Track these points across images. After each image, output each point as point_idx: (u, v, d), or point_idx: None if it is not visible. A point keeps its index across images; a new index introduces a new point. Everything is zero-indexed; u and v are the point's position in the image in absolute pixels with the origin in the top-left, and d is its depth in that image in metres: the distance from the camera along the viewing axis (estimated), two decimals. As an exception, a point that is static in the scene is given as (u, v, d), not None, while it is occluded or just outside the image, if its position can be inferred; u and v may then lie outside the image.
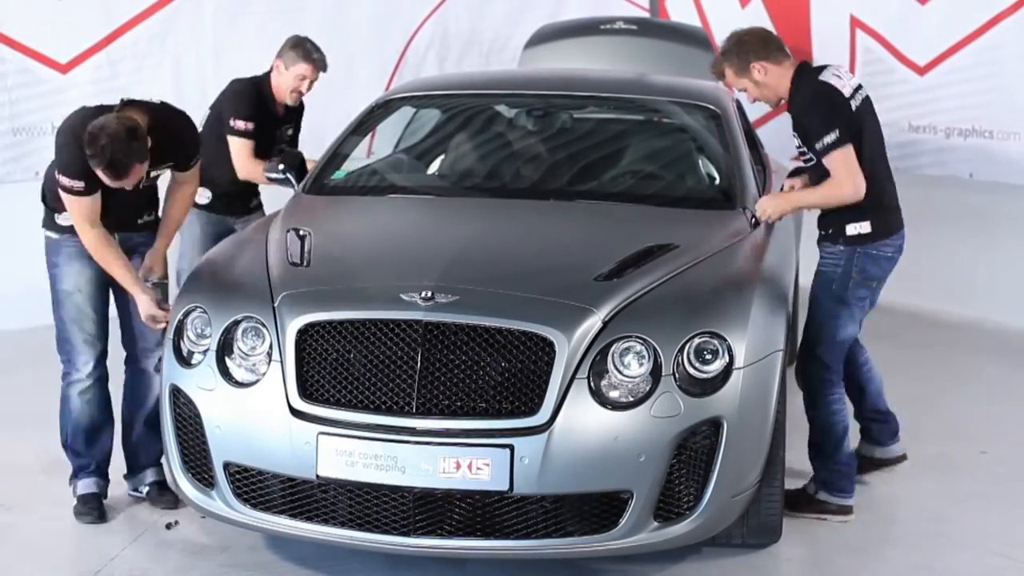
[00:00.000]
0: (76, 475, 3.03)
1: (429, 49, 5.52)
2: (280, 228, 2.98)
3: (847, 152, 2.81)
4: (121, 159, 2.71)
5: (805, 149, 2.90)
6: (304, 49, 3.61)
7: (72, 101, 4.72)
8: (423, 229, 3.03)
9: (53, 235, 3.00)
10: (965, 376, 4.21)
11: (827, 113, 2.82)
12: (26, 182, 4.64)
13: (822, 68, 2.94)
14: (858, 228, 2.89)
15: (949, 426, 3.79)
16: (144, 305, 2.90)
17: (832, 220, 2.93)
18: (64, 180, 2.84)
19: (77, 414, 3.01)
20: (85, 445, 3.02)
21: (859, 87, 2.95)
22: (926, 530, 3.01)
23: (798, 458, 3.11)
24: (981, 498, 3.22)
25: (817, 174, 2.93)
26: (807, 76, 2.91)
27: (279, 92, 3.64)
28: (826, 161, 2.84)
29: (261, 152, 3.58)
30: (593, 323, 2.50)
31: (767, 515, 2.76)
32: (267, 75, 3.66)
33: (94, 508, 2.96)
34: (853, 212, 2.87)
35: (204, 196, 3.51)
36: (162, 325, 2.87)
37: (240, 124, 3.54)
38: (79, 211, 2.85)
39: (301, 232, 2.90)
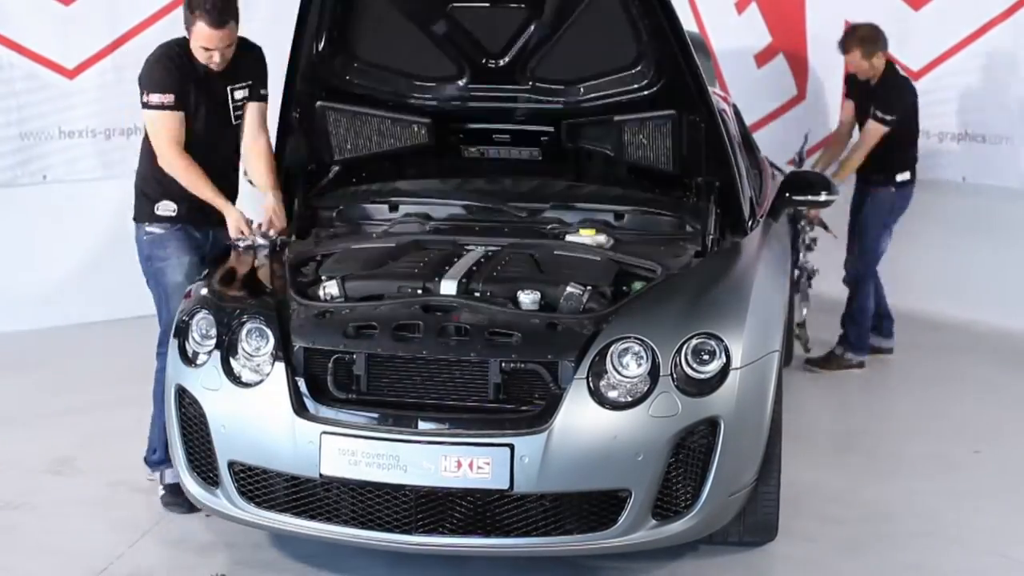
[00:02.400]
0: (162, 463, 2.99)
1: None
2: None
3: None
4: (223, 2, 2.83)
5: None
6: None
7: (78, 106, 4.80)
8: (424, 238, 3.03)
9: (157, 229, 2.99)
10: (958, 376, 4.25)
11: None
12: (34, 186, 4.69)
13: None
14: (903, 176, 4.24)
15: (943, 426, 3.82)
16: (233, 220, 2.96)
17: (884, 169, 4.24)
18: (155, 97, 2.90)
19: None
20: None
21: None
22: (920, 529, 3.04)
23: (796, 457, 3.15)
24: (975, 497, 3.24)
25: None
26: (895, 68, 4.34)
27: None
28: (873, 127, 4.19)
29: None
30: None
31: (764, 513, 2.78)
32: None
33: (184, 499, 2.88)
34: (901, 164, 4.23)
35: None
36: (249, 242, 2.94)
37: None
38: (167, 130, 2.91)
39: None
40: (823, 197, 3.33)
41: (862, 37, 4.25)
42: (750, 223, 3.12)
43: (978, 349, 4.55)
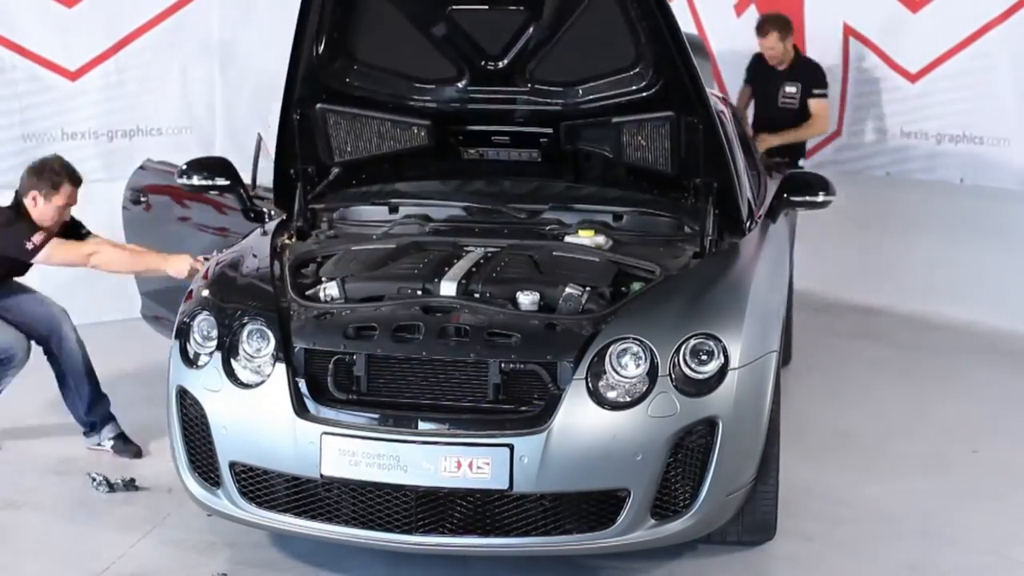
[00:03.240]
0: (93, 428, 3.49)
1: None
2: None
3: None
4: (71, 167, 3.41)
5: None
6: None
7: (81, 108, 4.81)
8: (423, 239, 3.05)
9: None
10: (956, 376, 4.26)
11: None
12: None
13: None
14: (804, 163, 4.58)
15: (940, 426, 3.83)
16: (181, 264, 3.38)
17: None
18: (36, 239, 3.36)
19: None
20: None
21: None
22: (918, 528, 3.05)
23: (794, 457, 3.16)
24: (972, 496, 3.26)
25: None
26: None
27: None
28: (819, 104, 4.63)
29: None
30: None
31: (762, 513, 2.80)
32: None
33: (131, 445, 3.48)
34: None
35: None
36: (201, 270, 3.11)
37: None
38: (67, 246, 3.42)
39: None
40: (821, 198, 3.34)
41: (778, 20, 4.62)
42: (748, 224, 3.14)
43: (976, 350, 4.56)
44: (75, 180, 3.43)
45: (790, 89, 4.73)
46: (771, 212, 3.36)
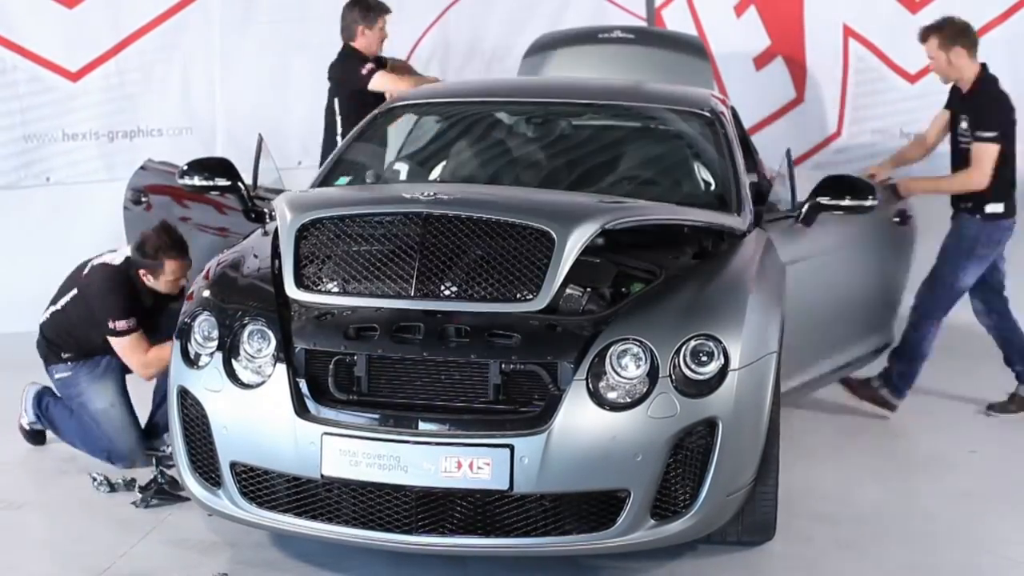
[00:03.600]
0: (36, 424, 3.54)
1: (432, 58, 5.57)
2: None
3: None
4: (179, 236, 3.32)
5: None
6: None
7: (81, 109, 4.83)
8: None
9: (65, 373, 3.43)
10: (956, 377, 4.27)
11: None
12: (37, 188, 4.73)
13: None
14: (994, 207, 3.77)
15: (939, 426, 3.85)
16: None
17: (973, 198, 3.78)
18: (119, 324, 3.28)
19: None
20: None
21: None
22: (917, 528, 3.06)
23: (793, 458, 3.18)
24: (971, 497, 3.27)
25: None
26: (991, 78, 3.83)
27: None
28: (979, 148, 3.72)
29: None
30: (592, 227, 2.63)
31: (761, 513, 2.81)
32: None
33: (39, 434, 3.54)
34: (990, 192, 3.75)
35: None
36: None
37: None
38: (136, 347, 3.30)
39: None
40: (868, 202, 3.15)
41: (941, 27, 3.80)
42: (748, 225, 3.15)
43: (974, 350, 4.56)
44: (179, 250, 3.29)
45: (963, 124, 3.81)
46: (806, 218, 3.23)
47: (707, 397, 2.53)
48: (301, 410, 2.56)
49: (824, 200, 3.18)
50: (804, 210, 3.21)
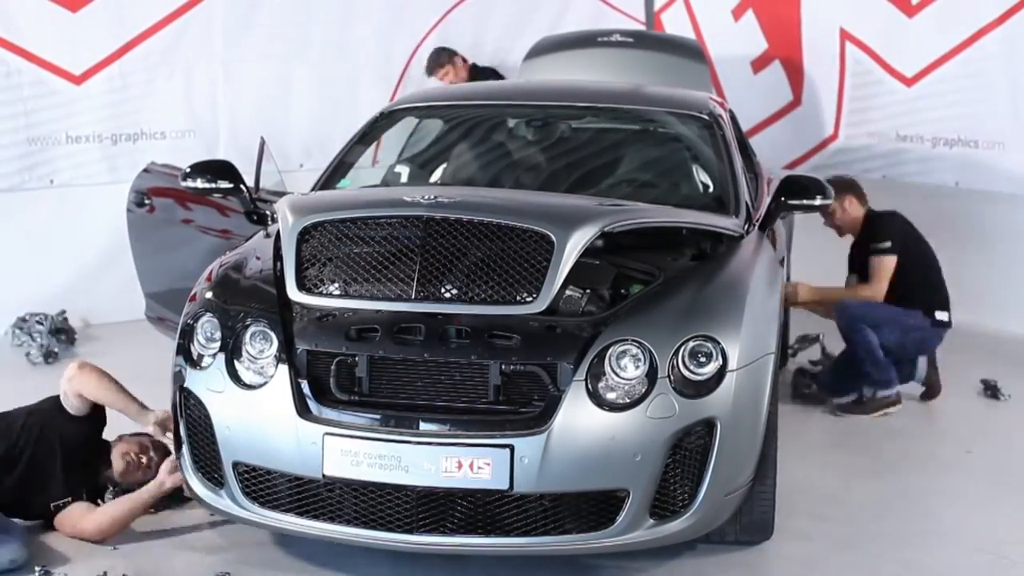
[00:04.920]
0: None
1: (432, 61, 5.61)
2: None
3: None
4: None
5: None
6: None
7: (85, 112, 4.85)
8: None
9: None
10: (951, 378, 4.28)
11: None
12: (41, 190, 4.74)
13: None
14: (941, 315, 3.97)
15: (936, 426, 3.87)
16: (158, 419, 3.02)
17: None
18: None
19: None
20: None
21: None
22: (914, 527, 3.08)
23: (791, 457, 3.19)
24: (967, 496, 3.29)
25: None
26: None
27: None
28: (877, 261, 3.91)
29: None
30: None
31: (760, 513, 2.82)
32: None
33: None
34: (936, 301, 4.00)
35: None
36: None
37: None
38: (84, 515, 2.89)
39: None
40: (818, 201, 3.36)
41: (831, 181, 3.64)
42: (746, 227, 3.17)
43: (969, 351, 4.59)
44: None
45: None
46: (769, 215, 3.39)
47: (705, 397, 2.55)
48: (303, 410, 2.58)
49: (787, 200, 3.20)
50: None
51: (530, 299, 2.57)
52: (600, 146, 3.68)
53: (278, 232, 2.88)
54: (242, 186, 3.34)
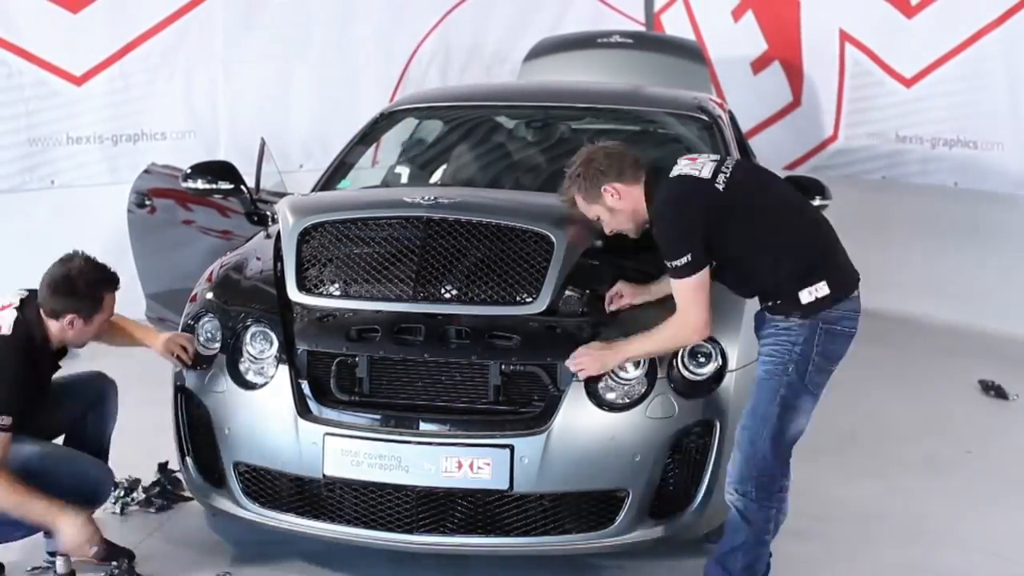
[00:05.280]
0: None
1: (432, 62, 5.61)
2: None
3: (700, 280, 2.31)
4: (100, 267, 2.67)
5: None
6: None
7: (86, 112, 4.85)
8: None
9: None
10: (950, 378, 4.30)
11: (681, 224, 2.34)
12: (42, 191, 4.75)
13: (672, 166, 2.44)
14: (814, 292, 2.35)
15: (935, 426, 3.87)
16: (72, 529, 2.58)
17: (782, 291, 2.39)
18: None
19: None
20: None
21: (723, 160, 2.44)
22: (913, 527, 3.08)
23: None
24: (966, 496, 3.29)
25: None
26: (659, 181, 2.41)
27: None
28: (675, 286, 2.35)
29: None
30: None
31: (759, 513, 2.84)
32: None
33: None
34: (805, 275, 2.38)
35: None
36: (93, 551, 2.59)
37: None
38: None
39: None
40: (818, 202, 3.36)
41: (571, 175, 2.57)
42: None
43: (968, 351, 4.60)
44: (115, 280, 2.70)
45: None
46: None
47: (705, 398, 2.56)
48: (303, 411, 2.59)
49: None
50: None
51: (530, 299, 2.58)
52: None
53: (278, 233, 2.89)
54: (242, 187, 3.35)
